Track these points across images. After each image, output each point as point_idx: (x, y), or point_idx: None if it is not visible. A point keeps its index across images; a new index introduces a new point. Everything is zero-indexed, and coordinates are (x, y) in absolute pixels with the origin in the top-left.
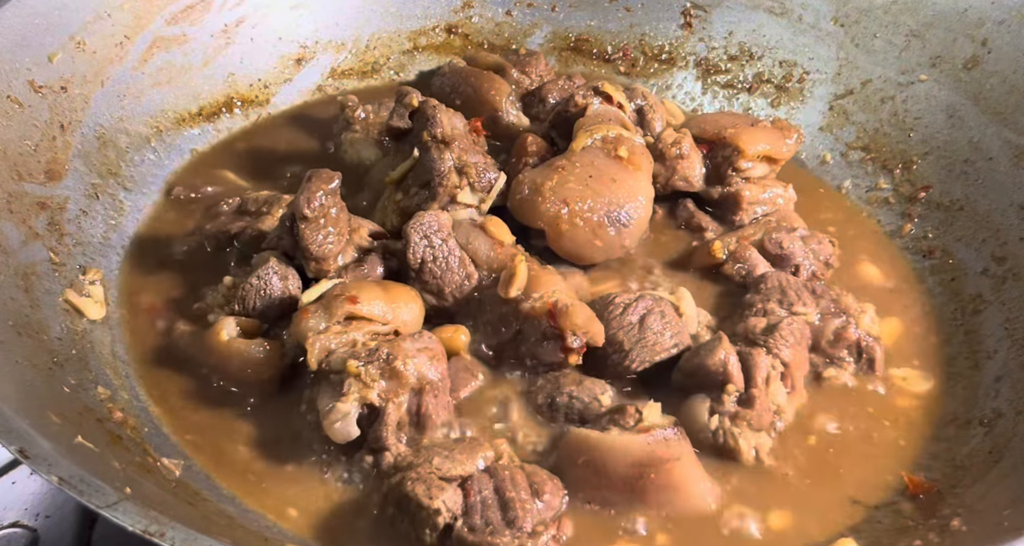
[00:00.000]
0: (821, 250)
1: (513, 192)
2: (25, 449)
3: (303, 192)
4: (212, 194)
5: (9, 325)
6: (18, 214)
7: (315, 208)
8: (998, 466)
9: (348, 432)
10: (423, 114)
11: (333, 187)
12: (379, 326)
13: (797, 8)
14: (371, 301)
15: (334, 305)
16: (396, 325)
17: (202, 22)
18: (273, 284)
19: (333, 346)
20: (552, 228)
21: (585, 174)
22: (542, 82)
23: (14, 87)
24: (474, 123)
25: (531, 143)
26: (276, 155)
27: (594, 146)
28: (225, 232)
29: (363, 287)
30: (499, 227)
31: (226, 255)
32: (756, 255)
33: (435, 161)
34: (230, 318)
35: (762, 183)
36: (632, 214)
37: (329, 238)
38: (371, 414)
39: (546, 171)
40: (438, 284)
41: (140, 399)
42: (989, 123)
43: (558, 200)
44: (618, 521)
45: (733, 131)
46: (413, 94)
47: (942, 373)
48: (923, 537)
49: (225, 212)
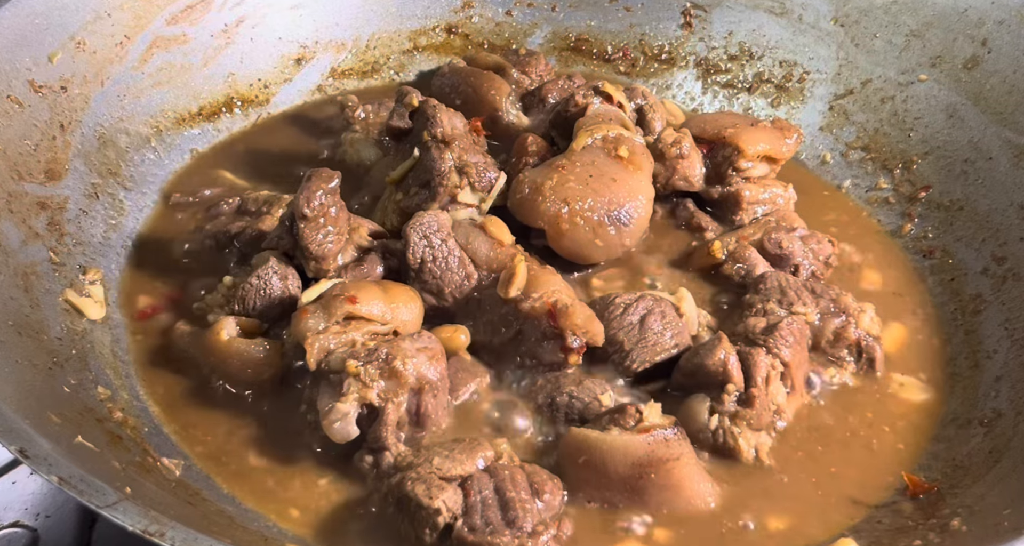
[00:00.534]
0: (821, 250)
1: (513, 191)
2: (25, 449)
3: (303, 191)
4: (211, 196)
5: (9, 325)
6: (18, 214)
7: (315, 207)
8: (998, 466)
9: (347, 432)
10: (423, 114)
11: (333, 186)
12: (378, 326)
13: (797, 8)
14: (370, 301)
15: (333, 305)
16: (395, 325)
17: (202, 22)
18: (273, 284)
19: (332, 346)
20: (552, 227)
21: (585, 174)
22: (542, 82)
23: (14, 87)
24: (474, 123)
25: (531, 143)
26: (276, 155)
27: (594, 146)
28: (225, 232)
29: (362, 287)
30: (499, 227)
31: (226, 255)
32: (755, 255)
33: (435, 161)
34: (230, 318)
35: (762, 183)
36: (632, 213)
37: (329, 237)
38: (370, 414)
39: (546, 171)
40: (438, 284)
41: (140, 399)
42: (989, 123)
43: (558, 199)
44: (618, 520)
45: (733, 131)
46: (413, 94)
47: (942, 373)
48: (923, 537)
49: (225, 212)
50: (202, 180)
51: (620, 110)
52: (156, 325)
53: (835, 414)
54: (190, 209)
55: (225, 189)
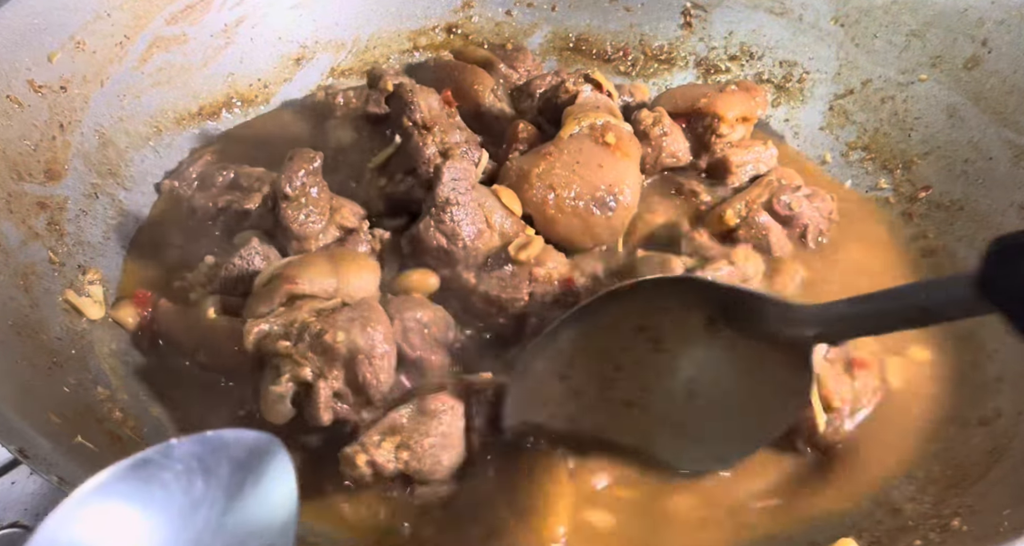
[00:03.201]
0: (824, 207)
1: (501, 179)
2: (25, 449)
3: (284, 171)
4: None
5: (9, 325)
6: (18, 214)
7: (296, 187)
8: (998, 466)
9: (284, 413)
10: (400, 99)
11: (315, 167)
12: (323, 302)
13: (797, 8)
14: (313, 277)
15: (272, 287)
16: (343, 296)
17: (202, 22)
18: (256, 264)
19: (275, 329)
20: (540, 214)
21: (572, 160)
22: (530, 76)
23: (14, 87)
24: (446, 94)
25: (522, 130)
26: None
27: (582, 133)
28: (213, 206)
29: (306, 263)
30: (511, 198)
31: (209, 227)
32: (768, 219)
33: (419, 148)
34: (214, 296)
35: (744, 144)
36: (619, 199)
37: (311, 217)
38: (308, 392)
39: (533, 158)
40: (454, 228)
41: (140, 399)
42: (989, 123)
43: (544, 186)
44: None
45: (707, 100)
46: (387, 78)
47: (942, 373)
48: (923, 537)
49: (218, 185)
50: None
51: (609, 98)
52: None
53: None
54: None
55: (219, 163)
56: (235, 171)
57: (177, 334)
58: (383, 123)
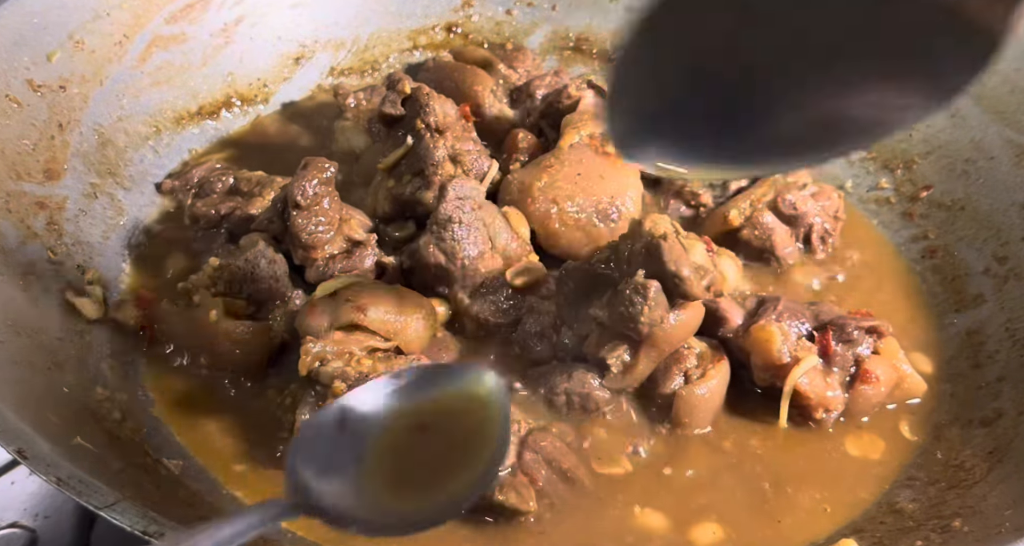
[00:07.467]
0: (830, 205)
1: (502, 193)
2: (24, 449)
3: (297, 179)
4: (203, 176)
5: (8, 325)
6: (16, 213)
7: (309, 196)
8: (999, 466)
9: None
10: (416, 101)
11: (328, 177)
12: (380, 341)
13: None
14: (380, 313)
15: (341, 310)
16: (399, 342)
17: (201, 21)
18: (261, 267)
19: (329, 356)
20: (543, 228)
21: (574, 172)
22: (529, 77)
23: (12, 86)
24: (463, 109)
25: (522, 140)
26: (275, 155)
27: (582, 143)
28: (216, 213)
29: (376, 294)
30: (519, 220)
31: (213, 234)
32: (772, 219)
33: (429, 149)
34: (217, 299)
35: None
36: (622, 210)
37: (320, 227)
38: None
39: (534, 171)
40: (453, 247)
41: (139, 399)
42: (991, 122)
43: (547, 200)
44: None
45: None
46: (406, 80)
47: (942, 373)
48: (924, 537)
49: (218, 191)
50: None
51: None
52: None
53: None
54: (183, 193)
55: (219, 169)
56: (234, 176)
57: (179, 336)
58: (395, 125)
